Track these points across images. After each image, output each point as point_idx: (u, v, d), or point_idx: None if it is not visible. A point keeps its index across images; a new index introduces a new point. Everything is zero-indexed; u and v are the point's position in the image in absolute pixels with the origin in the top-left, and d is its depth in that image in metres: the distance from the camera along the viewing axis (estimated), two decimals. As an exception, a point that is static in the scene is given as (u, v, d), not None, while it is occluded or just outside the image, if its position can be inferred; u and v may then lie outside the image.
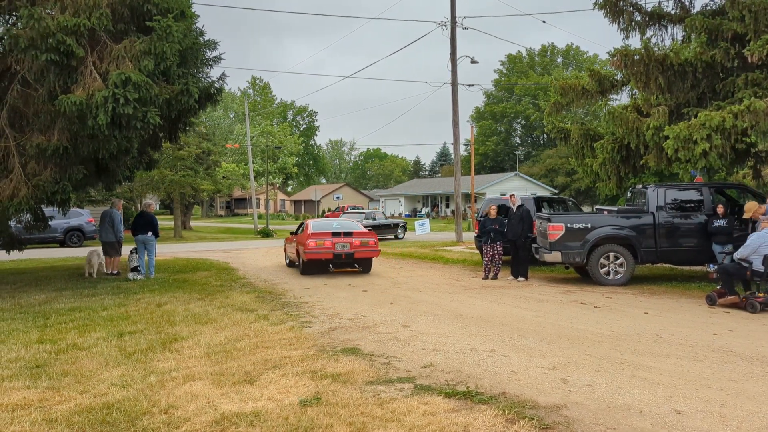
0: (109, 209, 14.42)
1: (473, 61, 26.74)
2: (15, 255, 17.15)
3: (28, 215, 12.44)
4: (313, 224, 15.53)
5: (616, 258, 12.20)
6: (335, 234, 14.56)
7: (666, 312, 9.30)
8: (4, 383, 5.61)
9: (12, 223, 12.84)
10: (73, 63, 9.60)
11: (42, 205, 11.87)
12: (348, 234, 14.66)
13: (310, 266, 14.68)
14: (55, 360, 6.49)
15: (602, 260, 12.21)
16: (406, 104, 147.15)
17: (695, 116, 11.86)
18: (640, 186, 13.57)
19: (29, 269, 16.53)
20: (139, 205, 33.77)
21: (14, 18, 11.06)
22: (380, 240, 22.10)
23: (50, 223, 14.97)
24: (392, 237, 29.34)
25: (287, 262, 17.56)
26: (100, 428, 4.47)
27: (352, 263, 14.94)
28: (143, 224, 14.04)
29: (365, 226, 20.39)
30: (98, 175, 12.36)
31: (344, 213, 35.44)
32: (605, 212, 13.21)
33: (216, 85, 11.77)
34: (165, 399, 5.07)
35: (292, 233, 17.27)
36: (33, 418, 4.67)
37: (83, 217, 26.82)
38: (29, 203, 10.37)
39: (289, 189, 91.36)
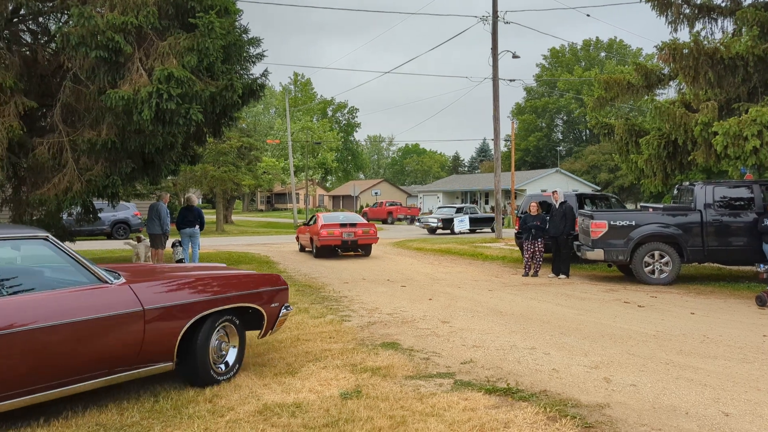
0: (156, 202, 14.76)
1: (515, 56, 26.45)
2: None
3: (79, 208, 12.81)
4: (323, 217, 18.89)
5: (662, 256, 11.94)
6: (342, 225, 18.02)
7: (713, 312, 9.06)
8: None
9: (63, 216, 13.26)
10: (121, 59, 9.85)
11: (93, 198, 12.22)
12: (353, 225, 18.16)
13: (322, 251, 18.03)
14: (104, 348, 6.68)
15: (647, 258, 11.96)
16: (445, 100, 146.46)
17: (746, 112, 11.50)
18: (687, 183, 13.24)
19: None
20: (182, 199, 34.47)
21: (66, 17, 11.39)
22: (478, 231, 27.09)
23: (99, 216, 15.40)
24: (488, 230, 30.55)
25: (299, 248, 20.81)
26: (148, 415, 4.60)
27: (356, 248, 18.47)
28: (192, 218, 14.39)
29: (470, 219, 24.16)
30: (144, 170, 12.64)
31: (438, 208, 36.31)
32: (650, 210, 12.93)
33: (259, 81, 11.91)
34: (209, 389, 5.18)
35: (304, 224, 20.85)
36: (85, 403, 4.83)
37: (129, 210, 27.49)
38: (82, 197, 10.69)
39: (327, 184, 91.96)
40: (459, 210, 32.27)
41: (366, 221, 19.61)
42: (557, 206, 13.30)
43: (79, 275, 4.75)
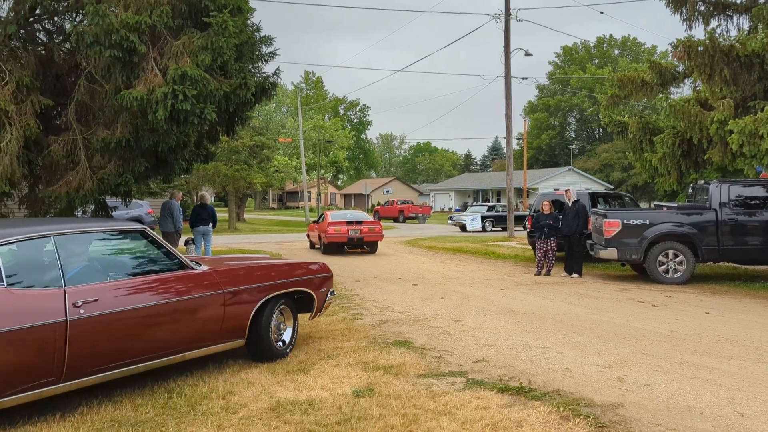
0: (169, 200, 14.85)
1: (527, 54, 26.33)
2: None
3: (92, 206, 12.91)
4: (331, 215, 19.69)
5: (676, 256, 11.84)
6: (349, 222, 18.68)
7: (728, 312, 8.98)
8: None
9: (78, 213, 13.38)
10: (135, 59, 9.90)
11: (106, 196, 12.31)
12: (359, 222, 18.85)
13: (330, 247, 18.55)
14: (118, 345, 6.73)
15: (661, 258, 11.88)
16: (457, 98, 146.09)
17: (762, 110, 11.38)
18: (702, 182, 13.13)
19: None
20: (195, 197, 34.66)
21: (81, 16, 11.47)
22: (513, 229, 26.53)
23: (112, 213, 15.52)
24: (521, 228, 30.38)
25: (310, 245, 21.32)
26: (162, 411, 4.63)
27: (362, 245, 18.96)
28: (205, 216, 14.50)
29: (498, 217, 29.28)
30: (157, 168, 12.70)
31: (471, 206, 36.75)
32: (664, 208, 12.84)
33: (271, 79, 11.93)
34: (223, 385, 5.22)
35: (314, 222, 21.58)
36: (99, 399, 4.88)
37: (143, 208, 27.66)
38: (94, 195, 10.77)
39: (339, 183, 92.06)
40: (491, 208, 32.89)
41: (372, 219, 20.57)
42: (570, 205, 13.23)
43: (170, 262, 5.49)
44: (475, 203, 46.10)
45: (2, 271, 4.32)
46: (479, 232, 29.97)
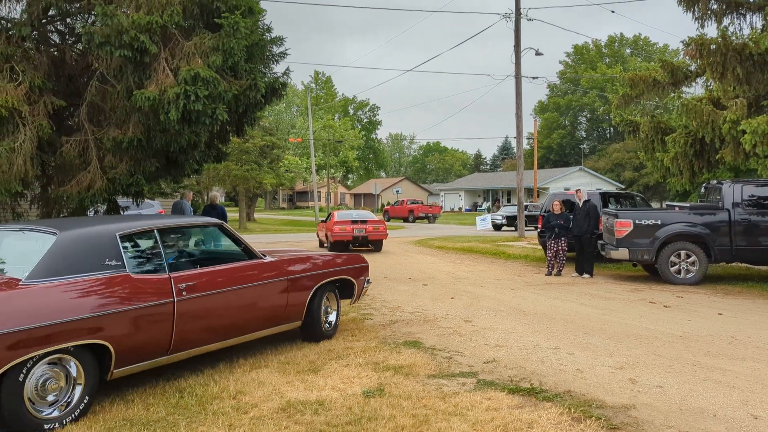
0: (180, 200, 14.92)
1: (537, 53, 26.21)
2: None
3: (103, 206, 12.99)
4: (337, 215, 20.59)
5: (688, 256, 11.76)
6: (354, 222, 19.44)
7: (742, 313, 8.91)
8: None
9: (90, 213, 13.46)
10: (147, 59, 9.94)
11: (117, 196, 12.38)
12: (363, 222, 19.55)
13: (336, 245, 18.96)
14: (130, 344, 6.77)
15: (673, 258, 11.79)
16: (466, 97, 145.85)
17: (775, 109, 11.29)
18: (715, 182, 13.02)
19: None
20: (205, 198, 34.80)
21: (93, 17, 11.55)
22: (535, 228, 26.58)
23: (124, 213, 15.61)
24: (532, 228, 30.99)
25: (319, 244, 21.84)
26: (173, 411, 4.65)
27: (366, 243, 19.51)
28: (215, 216, 14.56)
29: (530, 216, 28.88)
30: (168, 168, 12.77)
31: (503, 207, 36.84)
32: (676, 209, 12.75)
33: (281, 80, 11.96)
34: (233, 385, 5.23)
35: (322, 221, 22.43)
36: (111, 398, 4.90)
37: (154, 208, 27.80)
38: (104, 195, 10.84)
39: (349, 183, 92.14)
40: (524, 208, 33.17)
41: (377, 218, 21.29)
42: (580, 205, 13.17)
43: (242, 252, 6.27)
44: (508, 203, 45.91)
45: (125, 259, 5.07)
46: (502, 230, 30.07)
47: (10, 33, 10.65)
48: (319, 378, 5.47)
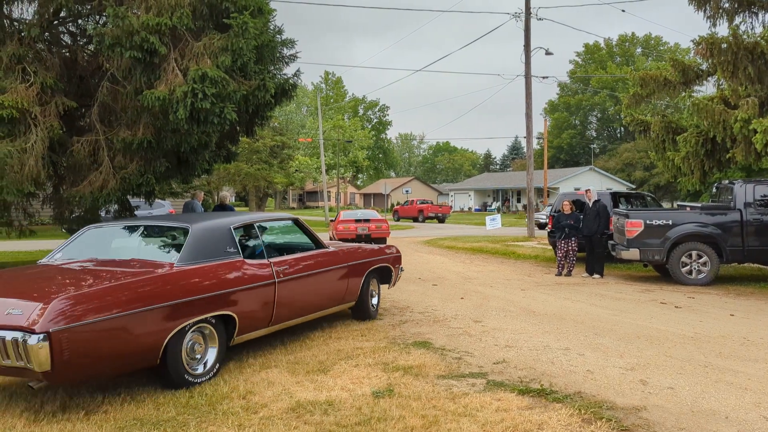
0: (191, 200, 14.98)
1: (548, 53, 26.12)
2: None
3: (115, 205, 13.07)
4: (343, 214, 22.05)
5: (699, 256, 11.68)
6: (357, 220, 20.62)
7: (754, 314, 8.83)
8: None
9: (102, 213, 13.55)
10: (156, 60, 10.00)
11: (129, 196, 12.46)
12: (366, 220, 20.76)
13: None
14: (140, 344, 6.80)
15: (684, 258, 11.71)
16: (476, 97, 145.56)
17: (788, 108, 11.18)
18: (726, 181, 12.92)
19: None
20: (215, 197, 34.94)
21: (104, 18, 11.62)
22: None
23: (135, 213, 15.70)
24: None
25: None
26: (184, 410, 4.67)
27: (369, 242, 19.69)
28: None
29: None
30: (178, 168, 12.84)
31: (547, 207, 36.85)
32: (687, 209, 12.66)
33: (291, 81, 11.99)
34: (243, 385, 5.25)
35: (331, 220, 24.35)
36: (122, 398, 4.93)
37: (165, 208, 27.93)
38: (116, 194, 10.91)
39: (359, 182, 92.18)
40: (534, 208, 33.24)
41: (380, 217, 22.42)
42: (590, 205, 13.11)
43: (313, 242, 7.43)
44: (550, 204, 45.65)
45: (239, 247, 6.15)
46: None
47: (22, 34, 10.74)
48: (329, 378, 5.48)
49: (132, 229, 6.77)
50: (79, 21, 12.28)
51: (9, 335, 4.27)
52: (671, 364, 5.97)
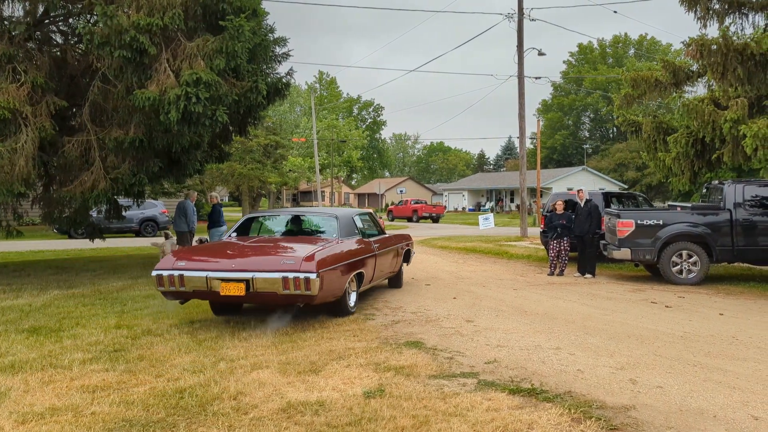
0: (184, 201, 14.95)
1: (540, 53, 26.16)
2: (96, 243, 18.07)
3: (106, 206, 13.03)
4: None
5: (690, 256, 11.74)
6: None
7: (743, 313, 8.89)
8: (86, 365, 5.93)
9: (93, 213, 13.50)
10: (146, 60, 9.96)
11: (119, 196, 12.43)
12: None
13: None
14: (131, 344, 6.80)
15: (674, 258, 11.78)
16: (470, 98, 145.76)
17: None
18: (716, 182, 12.99)
19: (108, 257, 17.34)
20: (207, 198, 34.88)
21: (95, 17, 11.58)
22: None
23: (126, 213, 15.66)
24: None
25: None
26: (173, 411, 4.66)
27: None
28: (218, 217, 14.70)
29: None
30: (170, 168, 12.83)
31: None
32: (678, 209, 12.73)
33: (284, 80, 12.00)
34: (234, 386, 5.24)
35: None
36: (111, 399, 4.92)
37: (157, 208, 27.86)
38: (107, 195, 10.88)
39: (353, 182, 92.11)
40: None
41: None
42: (582, 205, 13.15)
43: (379, 230, 10.54)
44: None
45: (358, 228, 9.31)
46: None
47: (13, 33, 10.69)
48: (320, 378, 5.48)
49: (291, 216, 9.90)
50: (70, 20, 12.24)
51: (291, 275, 6.98)
52: (661, 364, 6.00)
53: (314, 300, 7.16)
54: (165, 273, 7.25)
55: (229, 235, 8.97)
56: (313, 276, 6.95)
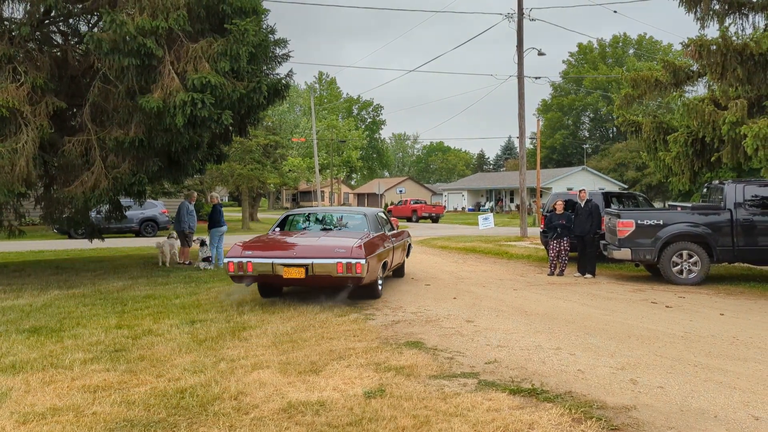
0: (184, 201, 14.97)
1: (540, 53, 26.16)
2: (96, 243, 18.07)
3: (107, 205, 13.03)
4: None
5: (690, 256, 11.74)
6: None
7: (743, 313, 8.89)
8: (87, 365, 5.93)
9: (92, 213, 13.49)
10: (153, 63, 9.96)
11: (120, 196, 12.43)
12: None
13: None
14: (132, 344, 6.80)
15: (675, 258, 11.78)
16: (469, 98, 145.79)
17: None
18: (717, 182, 12.99)
19: (108, 257, 17.34)
20: (207, 198, 34.84)
21: (96, 18, 11.57)
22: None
23: (126, 213, 15.66)
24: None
25: None
26: (174, 412, 4.66)
27: None
28: (217, 215, 14.72)
29: None
30: (170, 168, 12.84)
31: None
32: (678, 208, 12.73)
33: (284, 81, 11.99)
34: (234, 386, 5.24)
35: None
36: (113, 399, 4.92)
37: (157, 208, 27.85)
38: (108, 195, 10.87)
39: (352, 182, 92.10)
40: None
41: None
42: (582, 205, 13.15)
43: (391, 225, 11.94)
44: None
45: (380, 224, 10.84)
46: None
47: (13, 34, 10.68)
48: (321, 379, 5.48)
49: (325, 214, 11.40)
50: (70, 20, 12.22)
51: (344, 261, 8.60)
52: (661, 364, 6.00)
53: (362, 281, 8.77)
54: (235, 260, 8.91)
55: (273, 230, 10.53)
56: (362, 261, 8.61)
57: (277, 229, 10.55)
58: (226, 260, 9.11)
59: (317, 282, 8.98)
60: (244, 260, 8.85)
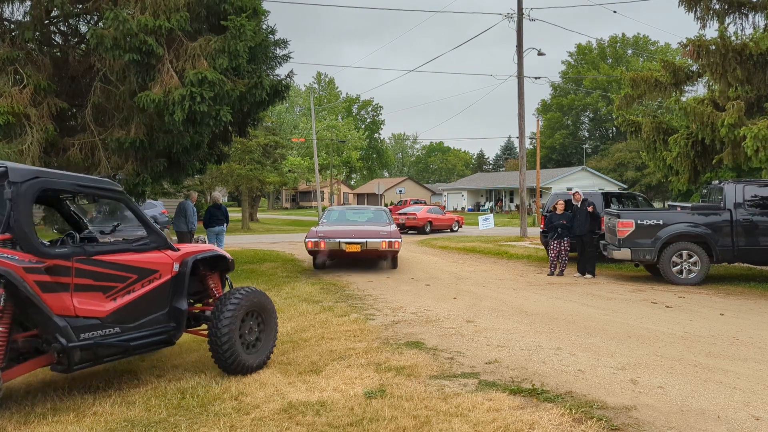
0: (184, 201, 14.96)
1: (540, 53, 26.19)
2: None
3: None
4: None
5: (690, 256, 11.75)
6: None
7: (743, 313, 8.90)
8: (87, 366, 5.92)
9: (94, 213, 13.48)
10: (153, 61, 9.98)
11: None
12: None
13: None
14: (132, 345, 6.78)
15: (675, 258, 11.78)
16: (469, 98, 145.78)
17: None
18: (717, 182, 13.00)
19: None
20: (208, 198, 34.83)
21: (96, 18, 11.58)
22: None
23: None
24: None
25: None
26: (175, 412, 4.66)
27: None
28: (220, 216, 14.72)
29: None
30: (170, 169, 12.85)
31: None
32: (678, 209, 12.73)
33: (284, 81, 12.00)
34: (235, 386, 5.24)
35: None
36: (113, 399, 4.92)
37: (157, 208, 27.80)
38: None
39: (352, 182, 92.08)
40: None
41: None
42: (579, 205, 13.16)
43: (390, 221, 15.25)
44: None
45: (388, 220, 15.34)
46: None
47: (14, 35, 10.69)
48: (321, 379, 5.48)
49: (357, 210, 15.98)
50: (70, 21, 12.22)
51: (388, 240, 13.17)
52: (661, 364, 6.01)
53: (397, 254, 13.89)
54: (312, 239, 13.21)
55: (322, 221, 15.02)
56: (400, 240, 13.56)
57: (325, 220, 15.06)
58: (306, 239, 13.33)
59: (368, 254, 13.31)
60: (319, 239, 13.14)
